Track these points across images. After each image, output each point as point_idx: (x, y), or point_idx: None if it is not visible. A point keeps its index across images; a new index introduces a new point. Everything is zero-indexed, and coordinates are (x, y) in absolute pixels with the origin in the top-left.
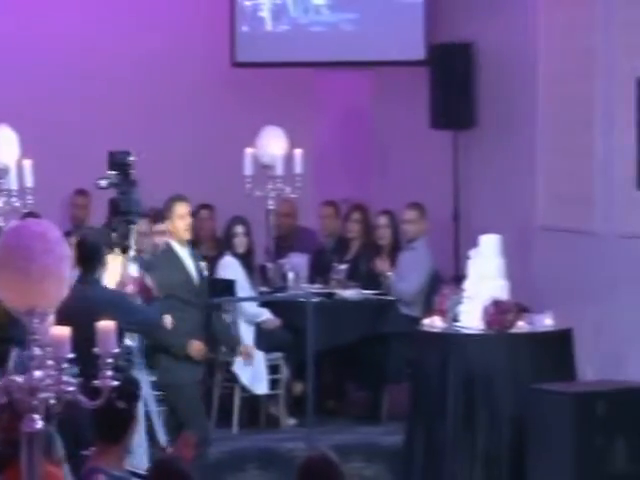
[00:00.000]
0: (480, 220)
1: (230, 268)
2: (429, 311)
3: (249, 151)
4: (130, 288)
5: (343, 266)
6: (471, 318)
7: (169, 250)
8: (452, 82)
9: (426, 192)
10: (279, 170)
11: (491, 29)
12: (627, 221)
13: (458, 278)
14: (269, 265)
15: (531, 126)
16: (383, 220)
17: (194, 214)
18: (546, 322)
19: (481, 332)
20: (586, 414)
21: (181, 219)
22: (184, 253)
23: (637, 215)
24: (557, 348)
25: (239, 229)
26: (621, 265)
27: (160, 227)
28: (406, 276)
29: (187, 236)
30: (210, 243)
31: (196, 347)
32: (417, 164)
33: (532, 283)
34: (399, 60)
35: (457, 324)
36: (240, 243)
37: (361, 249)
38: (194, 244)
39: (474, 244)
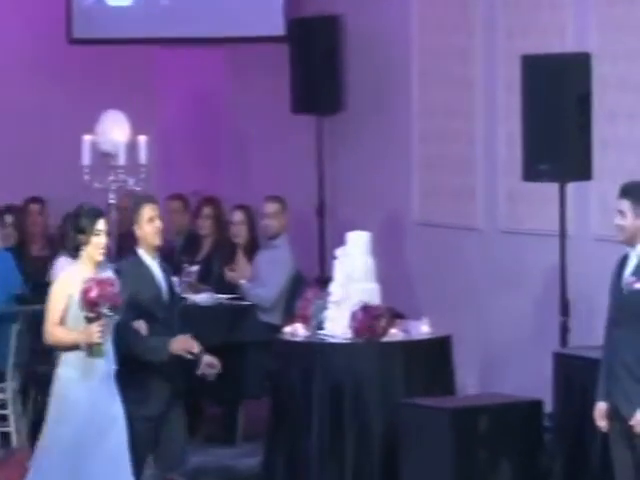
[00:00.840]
0: (348, 215)
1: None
2: (290, 318)
3: (87, 138)
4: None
5: (194, 267)
6: (338, 325)
7: (137, 260)
8: (315, 61)
9: (287, 184)
10: (121, 159)
11: (360, 1)
12: (512, 215)
13: (323, 280)
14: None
15: (405, 110)
16: (238, 216)
17: (22, 209)
18: (422, 329)
19: (349, 341)
20: (466, 431)
21: (150, 223)
22: (153, 264)
23: (523, 209)
24: (434, 358)
25: None
26: (505, 264)
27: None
28: (265, 279)
29: (157, 241)
30: (41, 242)
31: (181, 342)
32: (277, 152)
33: (407, 285)
34: (255, 36)
35: (322, 332)
36: None
37: (214, 248)
38: (22, 244)
39: (341, 242)
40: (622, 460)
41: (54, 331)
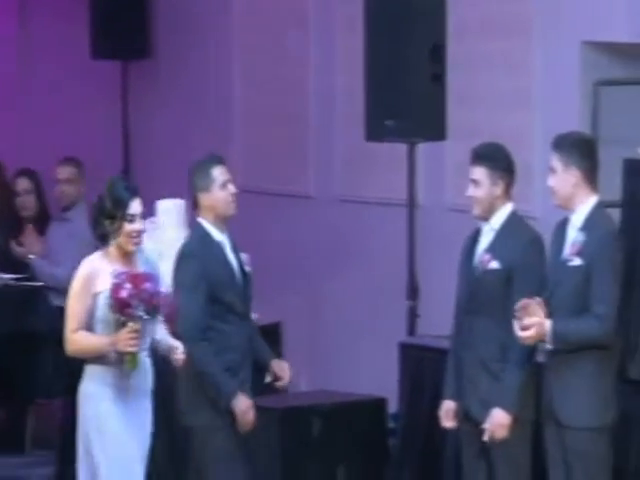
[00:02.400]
0: (158, 180)
1: None
2: None
3: None
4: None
5: None
6: None
7: (205, 234)
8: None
9: (85, 143)
10: None
11: None
12: (351, 181)
13: None
14: None
15: (226, 57)
16: (24, 183)
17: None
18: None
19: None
20: (297, 435)
21: (223, 188)
22: (223, 239)
23: (365, 173)
24: None
25: None
26: (343, 238)
27: None
28: (59, 257)
29: (232, 211)
30: None
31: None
32: (72, 105)
33: None
34: None
35: None
36: None
37: None
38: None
39: (150, 212)
40: (473, 468)
41: (75, 338)
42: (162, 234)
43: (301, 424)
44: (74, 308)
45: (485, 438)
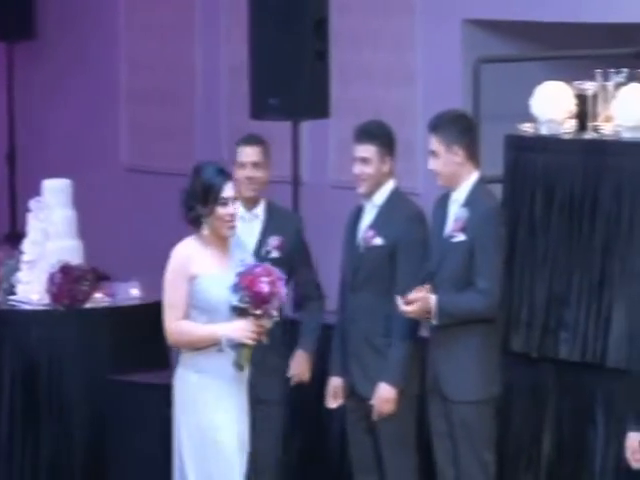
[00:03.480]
0: (45, 160)
1: None
2: None
3: None
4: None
5: None
6: (32, 290)
7: None
8: None
9: None
10: None
11: None
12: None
13: (14, 237)
14: None
15: (112, 37)
16: None
17: None
18: (132, 292)
19: (46, 307)
20: None
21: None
22: None
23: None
24: (146, 326)
25: None
26: None
27: None
28: None
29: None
30: None
31: None
32: None
33: (114, 242)
34: None
35: (13, 297)
36: None
37: None
38: None
39: (36, 192)
40: (361, 445)
41: (178, 329)
42: (49, 214)
43: None
44: (171, 297)
45: (374, 416)
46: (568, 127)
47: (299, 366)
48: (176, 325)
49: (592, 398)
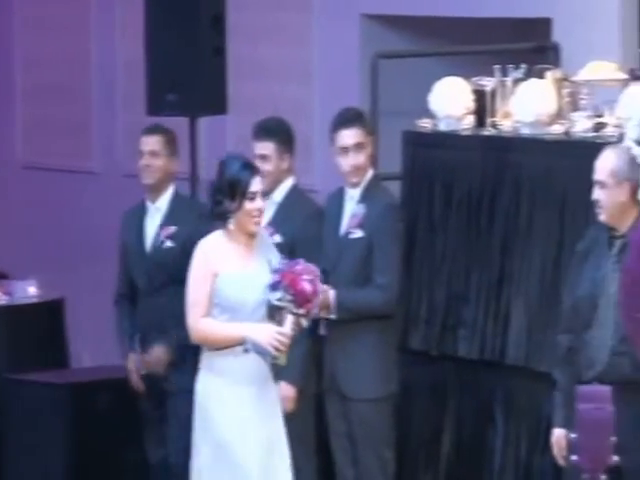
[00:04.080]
0: None
1: None
2: None
3: None
4: None
5: None
6: None
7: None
8: None
9: None
10: None
11: None
12: (135, 157)
13: None
14: None
15: (6, 31)
16: None
17: None
18: (29, 291)
19: None
20: (87, 410)
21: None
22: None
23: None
24: (43, 325)
25: None
26: None
27: None
28: None
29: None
30: None
31: None
32: None
33: (10, 239)
34: None
35: None
36: None
37: None
38: None
39: None
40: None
41: (203, 325)
42: None
43: (86, 399)
44: (195, 293)
45: None
46: (467, 123)
47: None
48: (201, 323)
49: (491, 396)
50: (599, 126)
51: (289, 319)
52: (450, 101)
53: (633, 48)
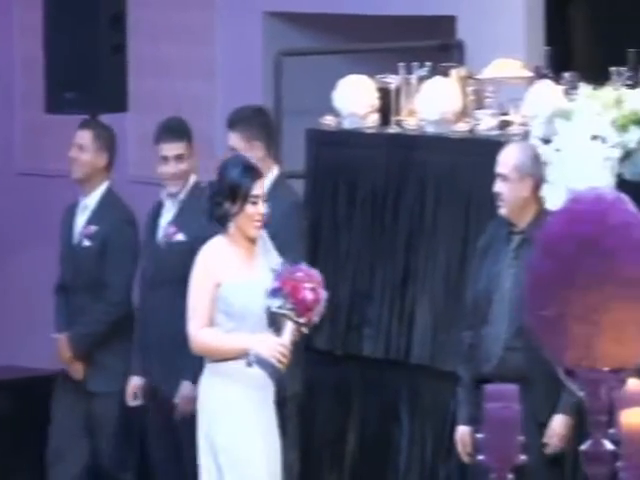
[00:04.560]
0: None
1: None
2: None
3: None
4: None
5: None
6: None
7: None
8: None
9: None
10: None
11: None
12: (33, 154)
13: None
14: None
15: None
16: None
17: None
18: None
19: None
20: None
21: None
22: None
23: (47, 146)
24: None
25: None
26: (27, 212)
27: None
28: None
29: None
30: None
31: None
32: None
33: None
34: None
35: None
36: None
37: None
38: None
39: None
40: (161, 444)
41: (204, 336)
42: None
43: None
44: (196, 302)
45: (176, 415)
46: (371, 121)
47: None
48: (201, 334)
49: (396, 395)
50: (504, 124)
51: (289, 328)
52: (354, 99)
53: (538, 46)
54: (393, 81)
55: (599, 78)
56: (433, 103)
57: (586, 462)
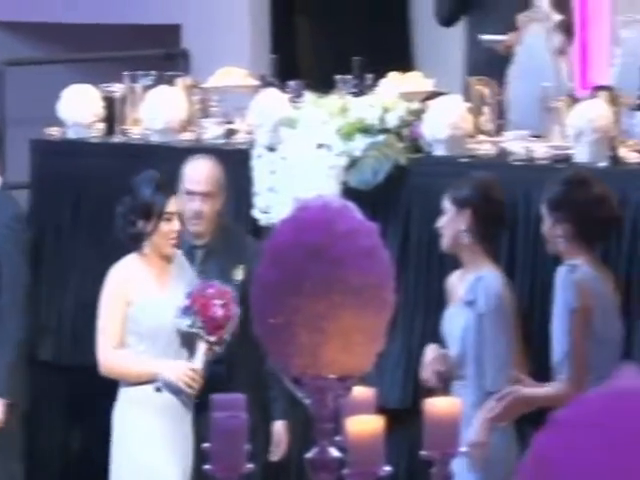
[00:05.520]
0: None
1: None
2: None
3: None
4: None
5: None
6: None
7: None
8: None
9: None
10: None
11: None
12: None
13: None
14: None
15: None
16: None
17: None
18: None
19: None
20: None
21: None
22: None
23: None
24: None
25: None
26: None
27: None
28: None
29: None
30: None
31: None
32: None
33: None
34: None
35: None
36: None
37: None
38: None
39: None
40: None
41: (113, 358)
42: None
43: None
44: (106, 322)
45: None
46: (96, 131)
47: None
48: (111, 355)
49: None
50: (230, 133)
51: (201, 349)
52: (79, 108)
53: (264, 54)
54: (118, 90)
55: (324, 86)
56: (158, 112)
57: (312, 470)
